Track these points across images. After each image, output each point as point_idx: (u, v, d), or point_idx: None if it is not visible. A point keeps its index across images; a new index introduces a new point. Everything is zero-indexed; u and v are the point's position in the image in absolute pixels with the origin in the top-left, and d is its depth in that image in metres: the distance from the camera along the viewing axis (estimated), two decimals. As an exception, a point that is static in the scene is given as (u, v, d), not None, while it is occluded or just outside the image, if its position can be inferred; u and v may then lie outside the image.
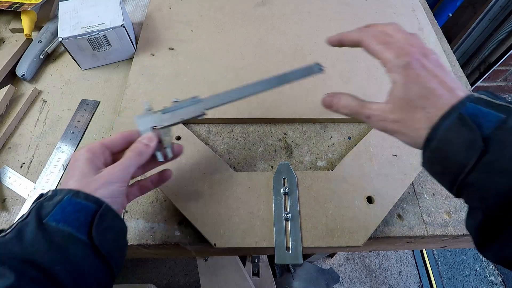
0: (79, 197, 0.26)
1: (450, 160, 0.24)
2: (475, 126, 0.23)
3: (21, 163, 0.46)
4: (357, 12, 0.64)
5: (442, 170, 0.26)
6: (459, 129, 0.24)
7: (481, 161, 0.23)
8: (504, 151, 0.22)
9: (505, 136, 0.22)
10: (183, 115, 0.36)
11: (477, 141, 0.23)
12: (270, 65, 0.56)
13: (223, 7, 0.65)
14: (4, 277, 0.21)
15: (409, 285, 1.23)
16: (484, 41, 0.96)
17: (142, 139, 0.34)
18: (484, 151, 0.22)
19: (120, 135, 0.34)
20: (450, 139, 0.24)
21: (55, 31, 0.58)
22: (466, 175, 0.23)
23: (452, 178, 0.24)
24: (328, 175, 0.43)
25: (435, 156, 0.25)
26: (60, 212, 0.25)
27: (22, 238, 0.24)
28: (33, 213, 0.25)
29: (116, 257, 0.28)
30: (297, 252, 0.38)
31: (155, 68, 0.54)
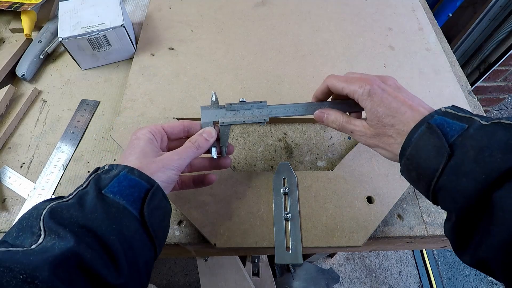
0: (133, 174, 0.28)
1: (423, 166, 0.27)
2: (441, 133, 0.26)
3: (21, 163, 0.46)
4: (357, 12, 0.64)
5: (417, 176, 0.28)
6: (429, 137, 0.27)
7: (448, 165, 0.25)
8: (467, 154, 0.24)
9: (466, 142, 0.25)
10: (246, 118, 0.37)
11: (444, 146, 0.25)
12: (270, 65, 0.56)
13: (223, 7, 0.65)
14: (65, 240, 0.23)
15: (409, 285, 1.23)
16: (484, 41, 0.96)
17: (203, 133, 0.35)
18: (451, 155, 0.25)
19: (181, 123, 0.36)
20: (421, 146, 0.27)
21: (55, 31, 0.58)
22: (438, 178, 0.26)
23: (427, 183, 0.27)
24: (328, 175, 0.43)
25: (411, 162, 0.28)
26: (116, 185, 0.27)
27: (83, 205, 0.25)
28: (92, 184, 0.27)
29: (160, 237, 0.29)
30: (297, 252, 0.38)
31: (155, 68, 0.54)
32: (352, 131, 0.35)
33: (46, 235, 0.23)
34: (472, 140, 0.25)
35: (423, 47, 0.59)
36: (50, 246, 0.22)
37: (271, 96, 0.51)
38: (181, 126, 0.36)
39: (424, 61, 0.57)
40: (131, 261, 0.26)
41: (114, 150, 0.47)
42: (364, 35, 0.61)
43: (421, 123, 0.28)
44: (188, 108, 0.50)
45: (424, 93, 0.52)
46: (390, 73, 0.55)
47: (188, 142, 0.34)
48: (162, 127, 0.35)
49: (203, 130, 0.35)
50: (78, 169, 0.46)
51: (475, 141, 0.25)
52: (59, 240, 0.23)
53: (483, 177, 0.23)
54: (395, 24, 0.62)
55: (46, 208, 0.25)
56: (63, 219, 0.24)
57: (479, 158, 0.23)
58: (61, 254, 0.22)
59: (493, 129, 0.25)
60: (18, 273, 0.20)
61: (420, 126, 0.28)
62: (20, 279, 0.20)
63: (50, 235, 0.23)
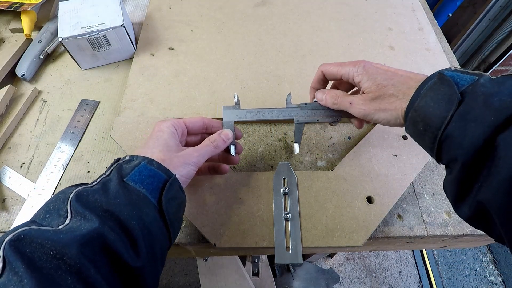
0: (152, 165, 0.30)
1: (431, 115, 0.27)
2: (453, 82, 0.27)
3: (21, 163, 0.46)
4: (357, 12, 0.64)
5: (424, 127, 0.28)
6: (439, 86, 0.27)
7: (457, 111, 0.26)
8: (476, 101, 0.25)
9: (477, 89, 0.26)
10: (265, 116, 0.39)
11: (454, 94, 0.26)
12: (270, 65, 0.56)
13: (223, 7, 0.65)
14: (91, 221, 0.24)
15: (409, 285, 1.23)
16: (484, 41, 0.96)
17: (221, 134, 0.37)
18: (461, 101, 0.26)
19: (201, 119, 0.38)
20: (431, 96, 0.28)
21: (55, 31, 0.58)
22: (446, 126, 0.26)
23: (434, 133, 0.27)
24: (328, 175, 0.43)
25: (419, 114, 0.28)
26: (137, 174, 0.29)
27: (107, 191, 0.27)
28: (115, 172, 0.29)
29: (175, 226, 0.31)
30: (297, 252, 0.38)
31: (155, 68, 0.54)
32: (350, 101, 0.35)
33: (72, 217, 0.25)
34: (483, 87, 0.25)
35: (423, 47, 0.59)
36: (77, 227, 0.24)
37: (271, 96, 0.51)
38: (201, 123, 0.38)
39: (424, 61, 0.57)
40: (149, 245, 0.27)
41: (114, 150, 0.47)
42: (364, 35, 0.61)
43: (431, 77, 0.29)
44: (188, 108, 0.50)
45: (424, 93, 0.52)
46: (390, 73, 0.55)
47: (208, 140, 0.36)
48: (184, 121, 0.37)
49: (221, 131, 0.37)
50: (78, 169, 0.46)
51: (485, 88, 0.25)
52: (85, 222, 0.24)
53: (491, 119, 0.23)
54: (395, 24, 0.62)
55: (73, 192, 0.26)
56: (89, 203, 0.26)
57: (489, 102, 0.24)
58: (87, 234, 0.23)
59: (502, 79, 0.25)
60: (49, 249, 0.22)
61: (430, 79, 0.29)
62: (51, 255, 0.21)
63: (76, 217, 0.25)
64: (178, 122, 0.36)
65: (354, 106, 0.35)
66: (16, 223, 0.40)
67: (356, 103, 0.35)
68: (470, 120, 0.25)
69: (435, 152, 0.28)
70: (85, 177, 0.45)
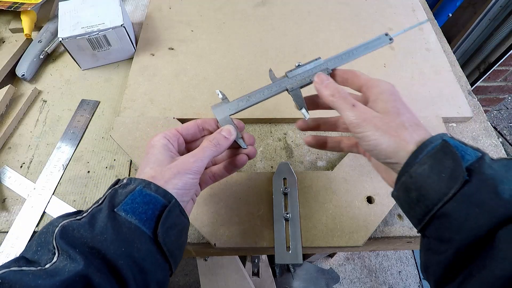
0: (150, 189, 0.26)
1: (428, 187, 0.24)
2: (459, 155, 0.23)
3: (21, 163, 0.46)
4: (357, 12, 0.64)
5: (418, 197, 0.25)
6: (442, 157, 0.24)
7: (461, 191, 0.23)
8: (484, 183, 0.22)
9: (484, 170, 0.23)
10: (258, 98, 0.35)
11: (460, 170, 0.23)
12: (270, 65, 0.56)
13: (223, 7, 0.65)
14: (75, 262, 0.22)
15: (409, 285, 1.23)
16: (484, 41, 0.96)
17: (222, 131, 0.33)
18: (466, 181, 0.23)
19: (195, 122, 0.35)
20: (431, 166, 0.24)
21: (55, 31, 0.58)
22: (444, 203, 0.23)
23: (428, 207, 0.24)
24: (328, 175, 0.43)
25: (414, 182, 0.25)
26: (130, 202, 0.26)
27: (94, 225, 0.24)
28: (107, 200, 0.26)
29: (175, 255, 0.28)
30: (297, 252, 0.38)
31: (155, 68, 0.54)
32: (354, 103, 0.29)
33: (59, 254, 0.23)
34: (490, 169, 0.23)
35: (423, 47, 0.59)
36: (61, 268, 0.22)
37: (271, 96, 0.51)
38: (195, 126, 0.35)
39: (424, 61, 0.57)
40: (142, 284, 0.24)
41: (114, 150, 0.47)
42: (364, 35, 0.61)
43: (432, 140, 0.25)
44: (188, 108, 0.50)
45: (424, 93, 0.52)
46: (390, 73, 0.55)
47: (206, 141, 0.32)
48: (177, 129, 0.33)
49: (221, 129, 0.33)
50: (78, 169, 0.46)
51: (493, 170, 0.23)
52: (70, 262, 0.22)
53: (501, 211, 0.21)
54: (395, 24, 0.62)
55: (58, 226, 0.24)
56: (74, 239, 0.23)
57: (498, 190, 0.22)
58: (69, 278, 0.21)
59: (508, 163, 0.24)
60: None
61: (430, 143, 0.25)
62: None
63: (62, 255, 0.23)
64: (170, 132, 0.33)
65: (356, 112, 0.29)
66: (16, 223, 0.40)
67: (359, 109, 0.29)
68: (475, 204, 0.22)
69: (420, 226, 0.26)
70: (85, 177, 0.45)
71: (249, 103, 0.35)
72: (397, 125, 0.27)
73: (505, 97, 1.22)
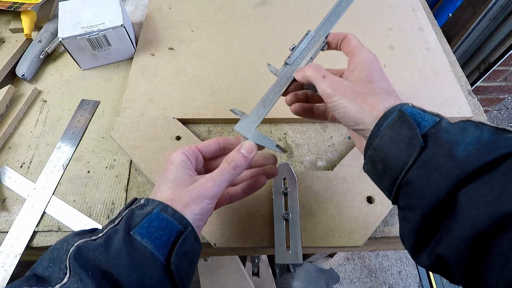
0: (167, 213, 0.26)
1: (391, 158, 0.25)
2: (414, 123, 0.24)
3: (21, 163, 0.46)
4: (357, 12, 0.64)
5: (383, 169, 0.26)
6: (400, 126, 0.25)
7: (419, 158, 0.23)
8: (440, 147, 0.23)
9: (440, 134, 0.23)
10: (272, 98, 0.34)
11: (416, 138, 0.24)
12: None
13: (223, 7, 0.65)
14: (87, 286, 0.22)
15: (409, 285, 1.23)
16: (484, 41, 0.96)
17: (241, 149, 0.31)
18: (423, 147, 0.23)
19: (216, 141, 0.34)
20: (391, 136, 0.25)
21: (55, 31, 0.58)
22: (407, 172, 0.24)
23: (394, 177, 0.25)
24: (328, 175, 0.43)
25: (378, 154, 0.26)
26: (147, 226, 0.25)
27: (109, 247, 0.24)
28: (123, 222, 0.26)
29: (185, 283, 0.27)
30: (297, 252, 0.38)
31: (155, 68, 0.54)
32: (325, 75, 0.30)
33: (71, 275, 0.23)
34: (446, 133, 0.23)
35: (423, 47, 0.59)
36: None
37: (271, 96, 0.51)
38: (216, 144, 0.34)
39: (424, 61, 0.57)
40: None
41: (114, 150, 0.47)
42: (364, 35, 0.61)
43: (392, 111, 0.26)
44: (188, 108, 0.50)
45: (424, 93, 0.52)
46: (390, 73, 0.55)
47: (224, 162, 0.30)
48: (197, 146, 0.33)
49: (241, 145, 0.31)
50: (78, 169, 0.46)
51: (448, 134, 0.23)
52: (81, 285, 0.22)
53: (457, 172, 0.22)
54: (395, 24, 0.62)
55: (74, 246, 0.24)
56: (88, 261, 0.23)
57: (453, 152, 0.22)
58: None
59: (464, 125, 0.24)
60: None
61: (390, 114, 0.26)
62: None
63: (74, 276, 0.23)
64: (190, 149, 0.32)
65: (325, 81, 0.30)
66: (16, 223, 0.40)
67: (330, 79, 0.30)
68: (433, 169, 0.23)
69: (392, 195, 0.26)
70: (85, 177, 0.45)
71: (267, 107, 0.34)
72: (366, 92, 0.28)
73: (505, 97, 1.22)
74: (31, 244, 0.40)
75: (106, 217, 0.41)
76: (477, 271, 0.20)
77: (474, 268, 0.20)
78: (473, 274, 0.21)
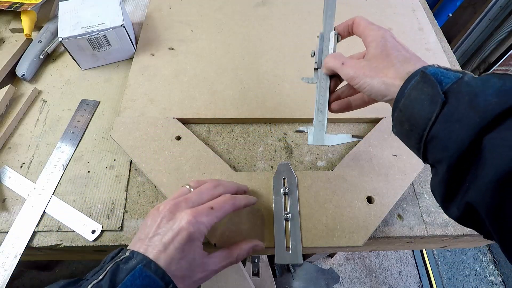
0: (149, 269, 0.26)
1: (416, 116, 0.26)
2: (435, 82, 0.25)
3: (21, 163, 0.46)
4: (357, 12, 0.64)
5: (410, 127, 0.27)
6: (422, 86, 0.26)
7: (442, 112, 0.25)
8: (461, 101, 0.24)
9: (461, 88, 0.25)
10: (322, 100, 0.36)
11: (438, 94, 0.25)
12: (270, 65, 0.56)
13: (223, 7, 0.65)
14: None
15: (409, 285, 1.23)
16: (484, 41, 0.96)
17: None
18: (445, 102, 0.25)
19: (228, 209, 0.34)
20: (415, 96, 0.26)
21: (55, 31, 0.58)
22: (431, 127, 0.25)
23: (420, 134, 0.26)
24: (328, 175, 0.43)
25: (404, 114, 0.27)
26: (130, 283, 0.26)
27: None
28: (107, 278, 0.26)
29: None
30: (297, 252, 0.38)
31: (155, 68, 0.55)
32: (343, 61, 0.33)
33: None
34: (467, 86, 0.24)
35: (423, 47, 0.59)
36: None
37: (271, 96, 0.51)
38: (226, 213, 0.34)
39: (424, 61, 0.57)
40: None
41: (114, 150, 0.47)
42: (364, 35, 0.60)
43: (415, 74, 0.27)
44: (188, 108, 0.50)
45: (424, 93, 0.52)
46: (390, 73, 0.55)
47: (227, 253, 0.34)
48: (217, 217, 0.32)
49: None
50: (78, 169, 0.46)
51: (469, 87, 0.24)
52: None
53: (477, 121, 0.22)
54: (395, 24, 0.62)
55: None
56: None
57: (473, 103, 0.23)
58: None
59: (487, 78, 0.25)
60: None
61: (414, 77, 0.27)
62: None
63: None
64: (210, 224, 0.31)
65: (346, 67, 0.32)
66: (16, 223, 0.40)
67: (349, 63, 0.32)
68: (455, 121, 0.24)
69: (421, 153, 0.27)
70: (85, 177, 0.45)
71: (324, 112, 0.36)
72: (384, 65, 0.30)
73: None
74: (31, 244, 0.40)
75: (106, 217, 0.41)
76: (506, 214, 0.20)
77: (503, 211, 0.21)
78: (502, 218, 0.21)
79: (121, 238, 0.40)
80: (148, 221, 0.30)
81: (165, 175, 0.43)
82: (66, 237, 0.40)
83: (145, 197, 0.43)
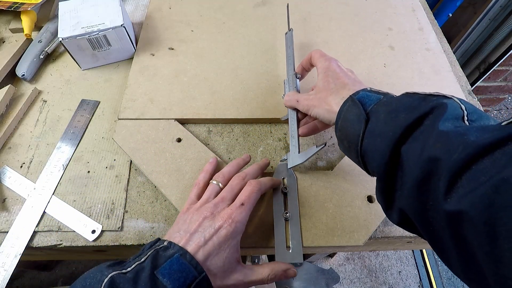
0: (185, 259, 0.30)
1: (350, 134, 0.31)
2: (360, 104, 0.31)
3: (21, 163, 0.46)
4: (357, 12, 0.64)
5: (348, 144, 0.32)
6: (352, 108, 0.32)
7: (367, 129, 0.29)
8: (379, 118, 0.29)
9: (379, 108, 0.30)
10: (293, 128, 0.43)
11: (362, 114, 0.30)
12: (270, 65, 0.56)
13: (223, 7, 0.65)
14: None
15: (409, 285, 1.23)
16: (484, 41, 0.96)
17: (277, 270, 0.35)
18: (367, 120, 0.30)
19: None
20: (347, 117, 0.32)
21: (55, 31, 0.58)
22: (361, 143, 0.30)
23: (355, 149, 0.31)
24: (328, 175, 0.43)
25: (342, 133, 0.33)
26: (168, 267, 0.29)
27: (136, 283, 0.28)
28: (149, 260, 0.29)
29: None
30: (297, 251, 0.38)
31: (155, 68, 0.54)
32: (297, 99, 0.40)
33: None
34: (384, 105, 0.29)
35: (423, 47, 0.59)
36: None
37: (271, 96, 0.51)
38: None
39: (424, 61, 0.57)
40: None
41: (114, 150, 0.47)
42: (364, 35, 0.61)
43: (347, 100, 0.33)
44: (188, 108, 0.50)
45: (424, 93, 0.52)
46: (390, 73, 0.55)
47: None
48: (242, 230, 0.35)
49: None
50: (78, 169, 0.46)
51: (385, 106, 0.29)
52: None
53: (390, 135, 0.26)
54: (395, 24, 0.63)
55: (108, 277, 0.27)
56: None
57: (388, 119, 0.28)
58: None
59: (401, 97, 0.29)
60: None
61: (347, 102, 0.33)
62: None
63: None
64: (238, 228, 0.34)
65: (300, 103, 0.40)
66: (16, 223, 0.40)
67: (301, 100, 0.39)
68: (377, 136, 0.28)
69: (362, 165, 0.31)
70: (85, 177, 0.45)
71: (295, 137, 0.41)
72: (326, 95, 0.36)
73: (505, 97, 1.22)
74: (31, 244, 0.40)
75: (106, 217, 0.41)
76: (428, 216, 0.23)
77: (424, 213, 0.23)
78: (426, 220, 0.23)
79: (121, 238, 0.40)
80: (188, 219, 0.34)
81: (166, 176, 0.43)
82: (66, 237, 0.40)
83: (145, 197, 0.43)
